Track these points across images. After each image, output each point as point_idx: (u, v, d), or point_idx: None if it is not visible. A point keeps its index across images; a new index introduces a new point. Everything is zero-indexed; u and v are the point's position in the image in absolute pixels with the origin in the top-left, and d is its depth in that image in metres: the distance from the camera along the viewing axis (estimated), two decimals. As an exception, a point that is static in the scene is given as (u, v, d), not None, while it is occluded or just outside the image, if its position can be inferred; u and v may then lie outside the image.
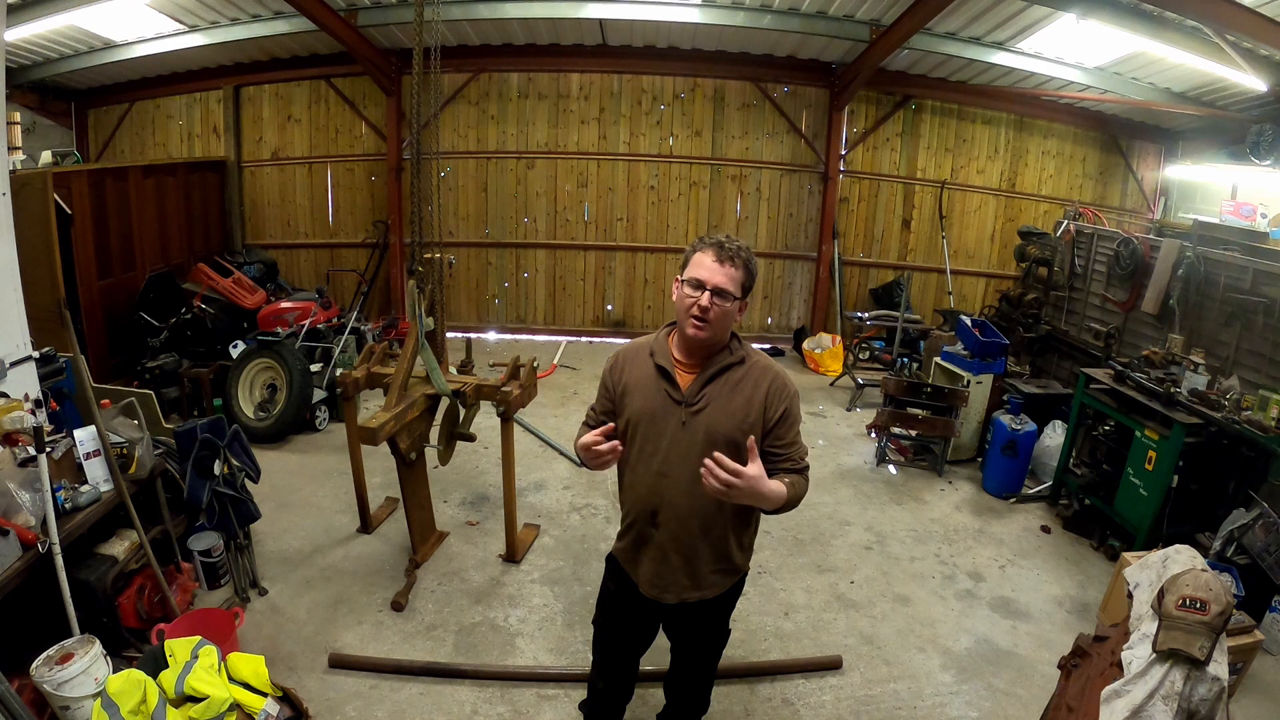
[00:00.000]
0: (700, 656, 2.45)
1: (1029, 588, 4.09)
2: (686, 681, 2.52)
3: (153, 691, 2.40)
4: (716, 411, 2.00)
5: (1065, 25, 5.93)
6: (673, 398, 2.03)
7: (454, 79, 8.07)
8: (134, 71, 8.23)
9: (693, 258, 1.99)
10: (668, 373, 2.04)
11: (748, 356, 2.07)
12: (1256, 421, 3.78)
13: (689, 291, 1.95)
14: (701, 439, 1.98)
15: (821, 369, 7.96)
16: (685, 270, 1.99)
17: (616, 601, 2.34)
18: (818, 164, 8.32)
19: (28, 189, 5.03)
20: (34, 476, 2.67)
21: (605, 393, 2.19)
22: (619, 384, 2.13)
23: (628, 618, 2.35)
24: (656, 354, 2.08)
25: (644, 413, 2.05)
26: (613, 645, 2.45)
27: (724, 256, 1.93)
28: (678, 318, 2.04)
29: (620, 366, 2.16)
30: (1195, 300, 5.12)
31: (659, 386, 2.05)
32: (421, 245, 3.84)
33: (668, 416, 2.03)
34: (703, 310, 1.92)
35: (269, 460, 4.65)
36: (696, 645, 2.40)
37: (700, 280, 1.93)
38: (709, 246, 1.96)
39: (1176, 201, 8.40)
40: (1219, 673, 2.01)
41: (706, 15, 6.77)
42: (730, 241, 1.96)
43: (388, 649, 3.35)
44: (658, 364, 2.06)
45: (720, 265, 1.93)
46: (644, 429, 2.05)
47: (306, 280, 8.65)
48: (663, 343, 2.10)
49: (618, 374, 2.15)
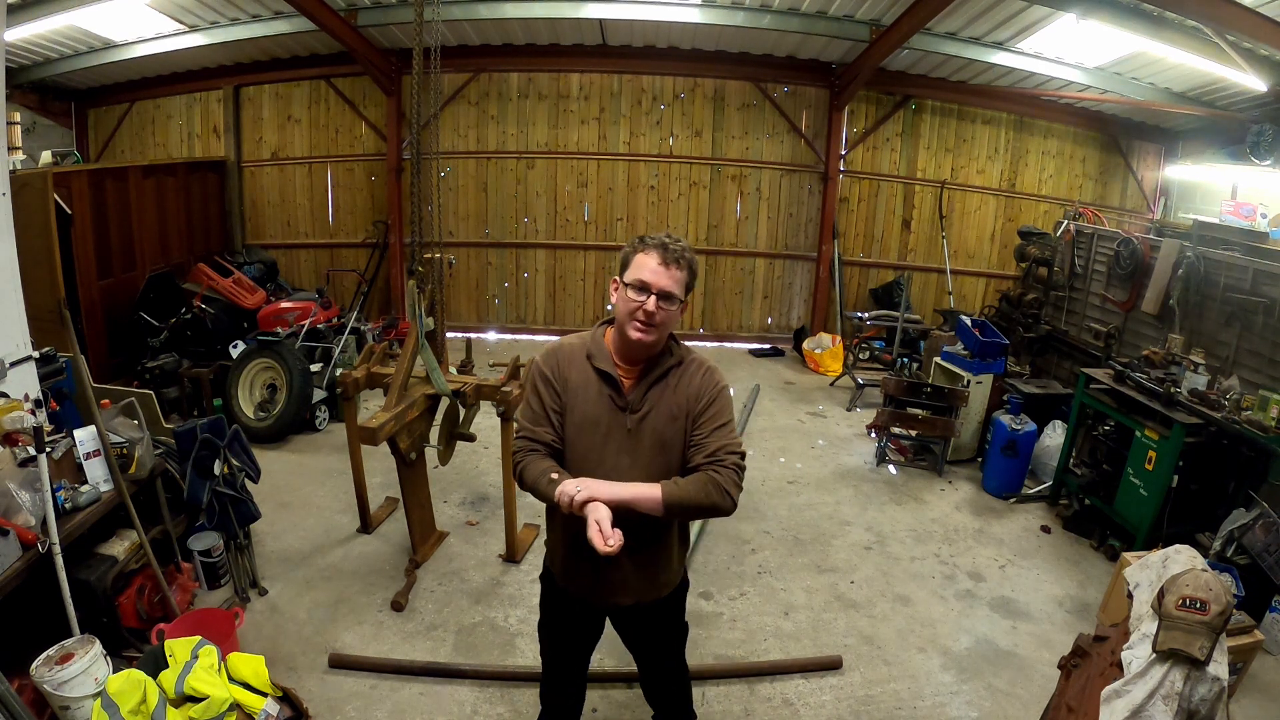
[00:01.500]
0: (665, 655, 2.41)
1: (1029, 588, 4.09)
2: (664, 685, 2.46)
3: (153, 691, 2.39)
4: (661, 415, 1.95)
5: (1065, 25, 5.93)
6: (617, 404, 1.95)
7: (454, 79, 8.07)
8: (134, 71, 8.23)
9: (635, 259, 1.90)
10: (611, 378, 1.95)
11: (684, 356, 2.02)
12: (1256, 421, 3.78)
13: (633, 295, 1.87)
14: (650, 444, 1.94)
15: (821, 369, 7.96)
16: (626, 272, 1.90)
17: (561, 615, 2.25)
18: (818, 164, 8.32)
19: (28, 189, 5.04)
20: (34, 476, 2.67)
21: (551, 390, 1.98)
22: (563, 382, 1.98)
23: (571, 630, 2.29)
24: (596, 358, 1.97)
25: (587, 419, 1.95)
26: (561, 656, 2.37)
27: (669, 259, 1.86)
28: (619, 321, 1.94)
29: (561, 365, 1.99)
30: (1195, 300, 5.12)
31: (601, 392, 1.96)
32: (421, 245, 3.84)
33: (613, 423, 1.95)
34: (649, 315, 1.85)
35: (269, 460, 4.66)
36: (657, 645, 2.36)
37: (645, 283, 1.86)
38: (653, 248, 1.88)
39: (1176, 201, 8.40)
40: (1219, 673, 2.01)
41: (706, 15, 6.77)
42: (674, 242, 1.90)
43: (388, 649, 3.35)
44: (600, 369, 1.96)
45: (666, 269, 1.86)
46: (587, 436, 1.96)
47: (306, 280, 8.66)
48: (600, 345, 1.99)
49: (559, 372, 1.99)
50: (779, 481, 5.27)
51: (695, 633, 3.52)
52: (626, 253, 1.94)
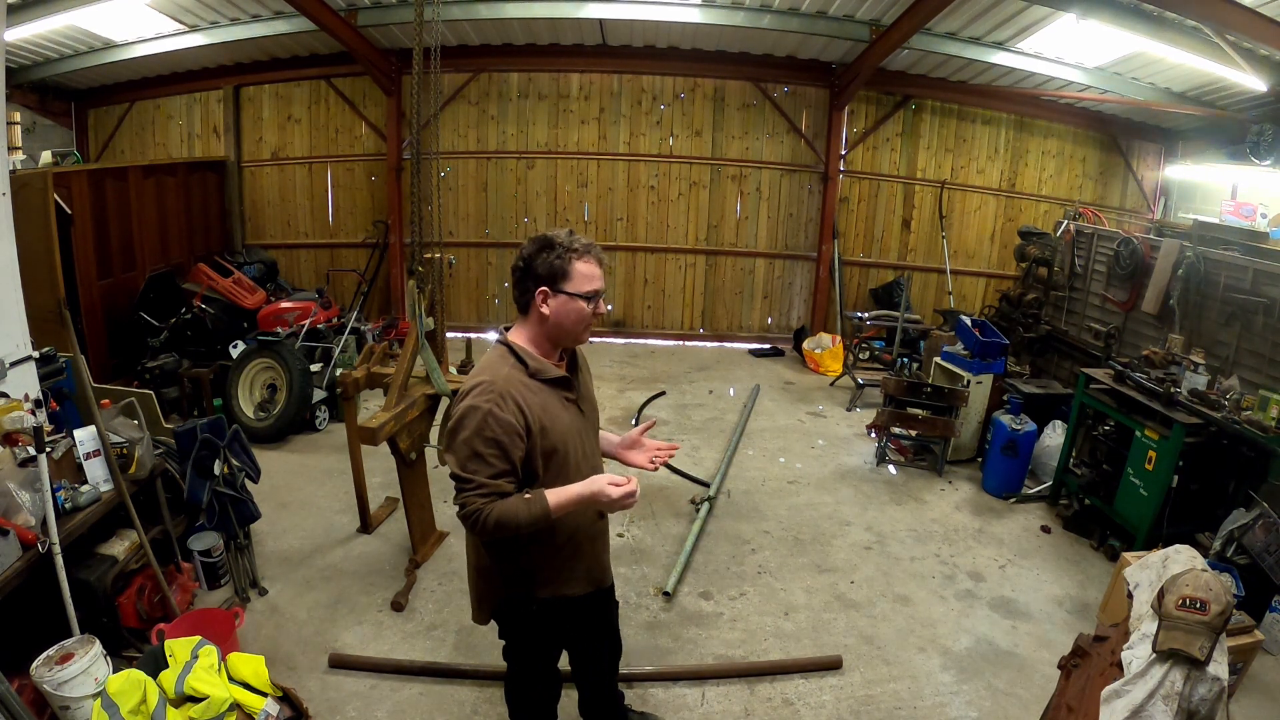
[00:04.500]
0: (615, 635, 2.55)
1: (1029, 588, 4.09)
2: (612, 673, 2.61)
3: (153, 691, 2.40)
4: (586, 384, 2.15)
5: (1065, 25, 5.93)
6: (570, 400, 2.04)
7: (454, 79, 8.07)
8: (134, 71, 8.24)
9: (575, 268, 1.89)
10: (565, 380, 2.01)
11: None
12: (1256, 421, 3.77)
13: (586, 305, 1.92)
14: (591, 414, 2.15)
15: (821, 369, 7.96)
16: (568, 283, 1.88)
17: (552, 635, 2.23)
18: (818, 164, 8.32)
19: (28, 189, 5.04)
20: (34, 476, 2.67)
21: (520, 440, 1.86)
22: (533, 424, 1.88)
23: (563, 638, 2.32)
24: (542, 372, 1.94)
25: (565, 431, 1.98)
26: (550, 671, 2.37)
27: (601, 259, 1.98)
28: (567, 332, 1.96)
29: (521, 405, 1.86)
30: (1195, 300, 5.12)
31: (562, 399, 2.00)
32: (421, 245, 3.84)
33: (576, 419, 2.05)
34: (597, 318, 1.99)
35: (269, 460, 4.66)
36: (613, 624, 2.50)
37: (597, 290, 1.95)
38: (587, 254, 1.92)
39: (1176, 201, 8.41)
40: (1219, 673, 2.01)
41: (706, 15, 6.77)
42: (591, 243, 1.97)
43: (388, 649, 3.35)
44: (552, 379, 1.96)
45: (601, 269, 1.98)
46: (570, 444, 1.99)
47: (306, 280, 8.66)
48: (534, 359, 1.94)
49: (525, 417, 1.87)
50: (779, 481, 5.27)
51: (695, 632, 3.53)
52: (554, 262, 1.89)
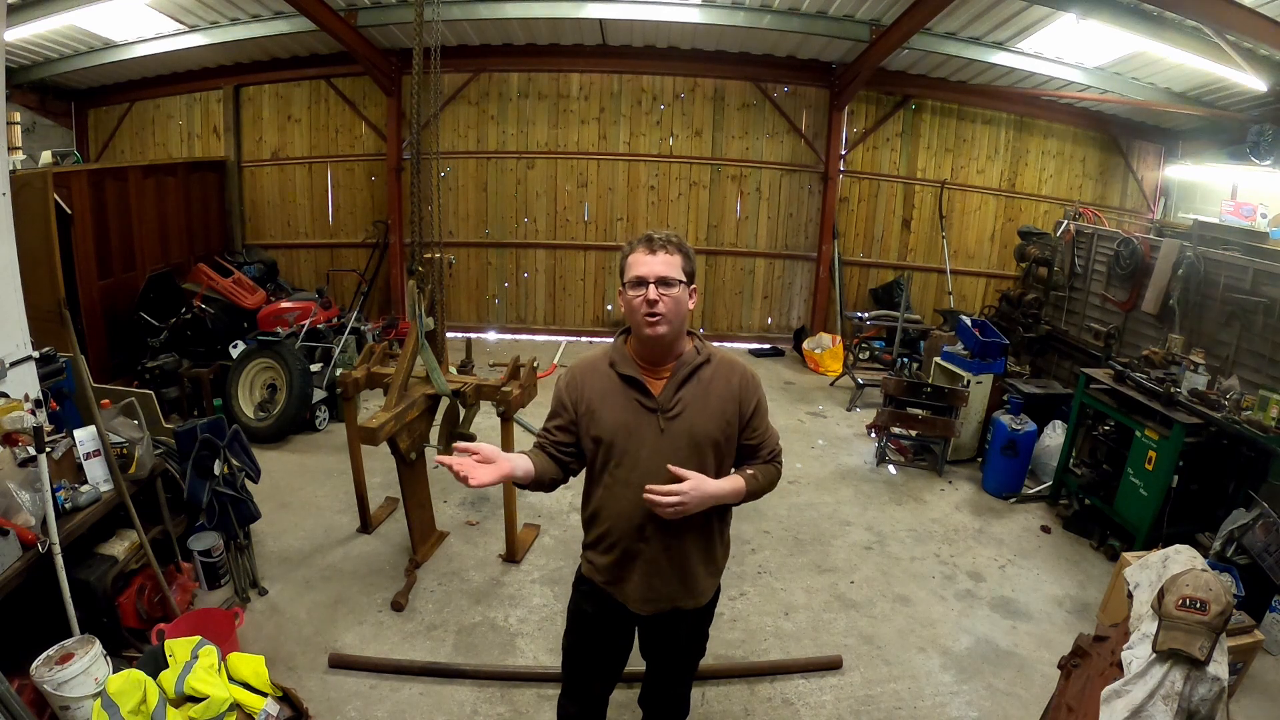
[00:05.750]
0: (684, 666, 2.38)
1: (1029, 588, 4.09)
2: (669, 694, 2.44)
3: (153, 691, 2.40)
4: (696, 414, 1.97)
5: (1065, 25, 5.93)
6: (646, 406, 1.96)
7: (454, 79, 8.07)
8: (134, 71, 8.23)
9: (627, 262, 1.95)
10: (637, 381, 1.97)
11: (712, 354, 2.05)
12: (1256, 421, 3.77)
13: (633, 293, 1.91)
14: (685, 444, 1.96)
15: (821, 369, 7.96)
16: (624, 276, 1.95)
17: (596, 625, 2.20)
18: (818, 164, 8.32)
19: (28, 189, 5.03)
20: (34, 476, 2.67)
21: (562, 410, 2.06)
22: (579, 402, 2.02)
23: (608, 641, 2.24)
24: (619, 364, 1.99)
25: (617, 426, 1.96)
26: (589, 670, 2.31)
27: (656, 247, 1.92)
28: (632, 325, 1.98)
29: (578, 384, 2.03)
30: (1195, 300, 5.12)
31: (628, 397, 1.97)
32: (421, 245, 3.84)
33: (643, 426, 1.96)
34: (652, 305, 1.88)
35: (269, 460, 4.66)
36: (681, 656, 2.33)
37: (641, 277, 1.90)
38: (638, 245, 1.94)
39: (1176, 201, 8.40)
40: (1219, 673, 2.01)
41: (706, 15, 6.77)
42: (657, 233, 1.96)
43: (388, 649, 3.35)
44: (624, 374, 1.98)
45: (655, 255, 1.91)
46: (620, 443, 1.97)
47: (306, 280, 8.66)
48: (623, 352, 2.02)
49: (576, 392, 2.03)
50: (779, 481, 5.26)
51: (695, 633, 3.53)
52: (620, 262, 1.99)
